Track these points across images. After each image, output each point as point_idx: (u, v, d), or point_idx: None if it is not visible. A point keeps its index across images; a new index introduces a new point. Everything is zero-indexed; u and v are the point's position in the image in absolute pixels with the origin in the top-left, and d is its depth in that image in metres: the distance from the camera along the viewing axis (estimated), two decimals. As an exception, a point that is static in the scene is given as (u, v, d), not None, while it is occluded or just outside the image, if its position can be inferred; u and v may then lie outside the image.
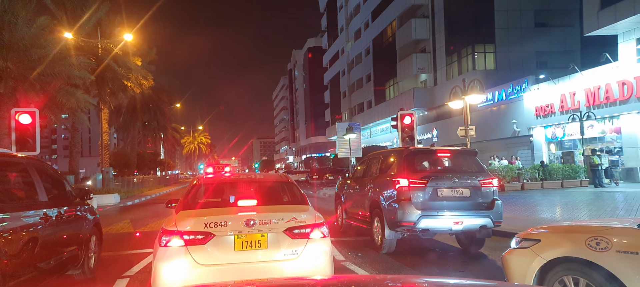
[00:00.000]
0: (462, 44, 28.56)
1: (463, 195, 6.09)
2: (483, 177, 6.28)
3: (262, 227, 3.46)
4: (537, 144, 22.00)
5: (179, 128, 52.68)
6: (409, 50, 34.97)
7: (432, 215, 5.95)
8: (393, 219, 6.08)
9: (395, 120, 11.49)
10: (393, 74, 37.71)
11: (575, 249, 2.77)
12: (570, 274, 2.80)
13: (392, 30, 37.99)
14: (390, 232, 6.22)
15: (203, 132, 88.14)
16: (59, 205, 4.51)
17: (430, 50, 33.12)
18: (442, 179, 6.13)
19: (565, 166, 16.40)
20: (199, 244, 3.35)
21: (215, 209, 3.94)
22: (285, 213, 3.68)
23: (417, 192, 6.01)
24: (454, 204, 6.04)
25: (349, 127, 17.89)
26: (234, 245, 3.40)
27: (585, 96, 17.77)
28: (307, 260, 3.48)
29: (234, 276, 3.35)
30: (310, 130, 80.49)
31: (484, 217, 6.00)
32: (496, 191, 6.32)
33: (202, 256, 3.32)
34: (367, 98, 45.06)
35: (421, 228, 5.92)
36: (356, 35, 48.12)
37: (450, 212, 5.98)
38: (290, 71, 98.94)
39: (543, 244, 3.00)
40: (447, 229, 6.07)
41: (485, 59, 27.54)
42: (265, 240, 3.44)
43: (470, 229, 6.07)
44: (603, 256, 2.60)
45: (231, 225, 3.43)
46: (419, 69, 33.59)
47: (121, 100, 24.59)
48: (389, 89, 39.50)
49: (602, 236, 2.69)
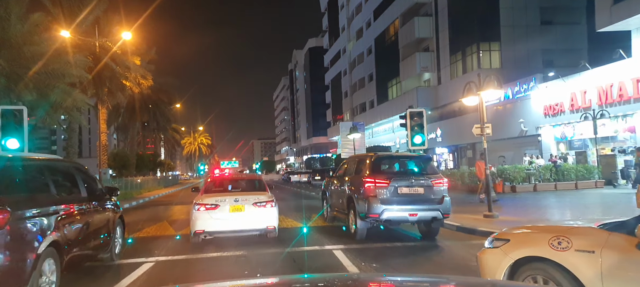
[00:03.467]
0: (466, 42, 28.03)
1: (418, 192, 7.47)
2: (435, 178, 7.64)
3: (242, 202, 7.32)
4: (545, 144, 21.46)
5: (179, 129, 52.17)
6: (412, 49, 34.44)
7: (393, 208, 7.33)
8: (363, 211, 7.45)
9: (404, 118, 10.96)
10: (395, 74, 37.19)
11: (539, 249, 2.91)
12: (535, 273, 2.95)
13: (394, 29, 37.47)
14: (361, 223, 7.58)
15: (203, 133, 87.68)
16: (94, 200, 5.69)
17: (433, 49, 32.59)
18: (402, 179, 7.54)
19: (580, 166, 15.85)
20: (212, 209, 7.18)
21: (219, 192, 8.08)
22: (253, 195, 7.54)
23: (381, 190, 7.39)
24: (410, 200, 7.40)
25: (353, 126, 17.38)
26: (229, 209, 7.21)
27: (597, 94, 17.23)
28: (262, 217, 7.24)
29: (228, 224, 7.10)
30: (311, 130, 80.00)
31: (434, 211, 7.38)
32: (446, 189, 7.63)
33: (213, 214, 7.14)
34: (369, 98, 44.54)
35: (384, 219, 7.38)
36: (358, 35, 47.61)
37: (407, 206, 7.36)
38: (291, 71, 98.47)
39: (511, 244, 3.14)
40: (405, 220, 7.55)
41: (491, 58, 27.01)
42: (243, 207, 7.26)
43: (424, 219, 7.54)
44: (563, 255, 2.73)
45: (227, 201, 7.32)
46: (423, 68, 33.07)
47: (119, 100, 24.09)
48: (392, 88, 38.98)
49: (564, 235, 2.82)
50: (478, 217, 9.26)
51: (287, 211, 12.55)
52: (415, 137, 10.57)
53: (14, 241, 3.76)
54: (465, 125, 28.58)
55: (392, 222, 7.67)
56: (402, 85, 36.36)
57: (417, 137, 10.58)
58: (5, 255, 3.64)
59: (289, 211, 12.74)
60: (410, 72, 34.43)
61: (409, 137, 10.63)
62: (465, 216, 9.59)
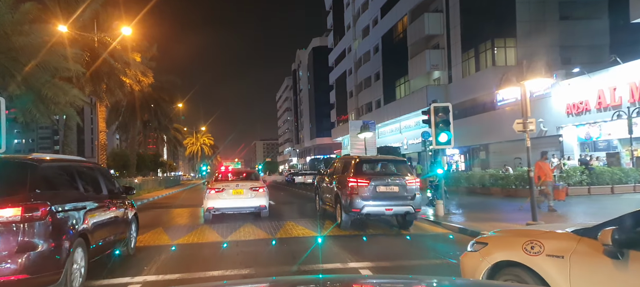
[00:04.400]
0: (480, 38, 26.87)
1: (394, 190, 8.69)
2: (409, 178, 8.90)
3: (241, 187, 10.61)
4: (567, 145, 20.27)
5: (181, 129, 51.15)
6: (421, 46, 33.31)
7: (372, 204, 8.57)
8: (347, 206, 8.70)
9: (427, 114, 9.84)
10: (404, 72, 36.04)
11: (513, 253, 2.95)
12: (510, 277, 2.97)
13: (403, 26, 36.35)
14: (345, 215, 8.84)
15: (206, 133, 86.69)
16: (113, 197, 6.18)
17: (444, 47, 31.43)
18: (380, 179, 8.77)
19: (616, 169, 14.67)
20: (219, 192, 10.45)
21: (224, 181, 10.88)
22: (250, 183, 10.83)
23: (362, 188, 8.60)
24: (387, 196, 8.64)
25: (364, 125, 16.29)
26: (232, 193, 10.48)
27: (630, 91, 16.05)
28: (256, 198, 10.41)
29: (231, 202, 10.41)
30: (314, 131, 79.01)
31: (407, 206, 8.64)
32: (418, 187, 8.92)
33: (220, 195, 10.39)
34: (375, 97, 43.40)
35: (364, 212, 8.63)
36: (364, 33, 46.51)
37: (384, 202, 8.58)
38: (294, 71, 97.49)
39: (488, 248, 3.18)
40: (382, 213, 8.78)
41: (506, 54, 25.83)
42: (242, 191, 10.53)
43: (398, 213, 8.84)
44: (535, 260, 2.78)
45: (230, 186, 10.59)
46: (432, 66, 31.92)
47: (119, 98, 23.08)
48: (399, 87, 37.84)
49: (537, 240, 2.85)
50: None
51: (297, 217, 11.45)
52: (440, 134, 9.45)
53: (52, 230, 4.22)
54: (478, 126, 27.46)
55: (371, 215, 9.01)
56: (411, 84, 35.21)
57: (442, 135, 9.46)
58: (47, 242, 4.14)
59: (298, 216, 11.65)
60: (419, 71, 33.29)
61: (433, 134, 9.51)
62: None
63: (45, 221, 4.14)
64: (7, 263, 3.90)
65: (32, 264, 3.99)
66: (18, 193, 4.16)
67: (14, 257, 3.92)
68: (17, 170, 4.49)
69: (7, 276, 3.88)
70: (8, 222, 3.97)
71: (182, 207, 15.83)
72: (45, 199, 4.24)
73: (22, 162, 4.60)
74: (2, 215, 3.97)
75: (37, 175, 4.45)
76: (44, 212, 4.13)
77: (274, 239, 7.82)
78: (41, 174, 4.53)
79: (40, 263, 4.06)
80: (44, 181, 4.51)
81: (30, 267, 3.98)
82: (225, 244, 7.57)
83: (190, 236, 8.45)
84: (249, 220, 10.56)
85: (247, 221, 10.40)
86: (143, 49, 27.73)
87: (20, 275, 3.92)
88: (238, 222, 10.35)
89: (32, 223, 4.06)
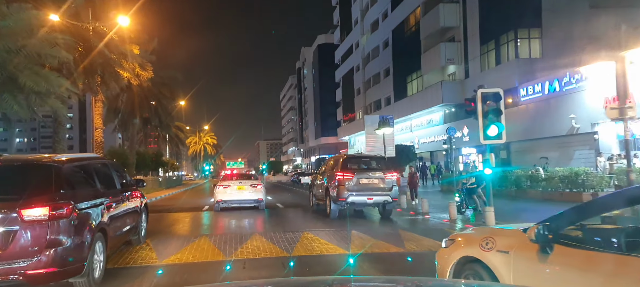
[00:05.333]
0: (501, 29, 25.07)
1: (374, 183, 10.41)
2: (387, 173, 10.57)
3: (243, 184, 13.38)
4: (603, 143, 18.46)
5: (183, 127, 49.65)
6: (435, 40, 31.54)
7: (356, 194, 10.25)
8: (334, 197, 10.37)
9: (471, 103, 8.14)
10: (416, 67, 34.29)
11: (472, 250, 3.21)
12: (470, 272, 3.22)
13: (415, 19, 34.60)
14: (334, 205, 10.50)
15: (209, 133, 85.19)
16: (126, 191, 6.74)
17: (460, 39, 29.66)
18: (363, 173, 10.51)
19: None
20: (226, 188, 13.29)
21: (230, 179, 13.72)
22: (250, 181, 13.58)
23: (348, 181, 10.24)
24: (368, 188, 10.36)
25: (383, 119, 14.60)
26: (236, 188, 13.26)
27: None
28: (255, 193, 13.13)
29: (235, 196, 13.22)
30: (319, 130, 77.42)
31: (386, 196, 10.39)
32: (395, 181, 10.55)
33: (227, 190, 13.22)
34: (385, 94, 41.66)
35: (350, 201, 10.28)
36: (373, 27, 44.76)
37: (366, 192, 10.31)
38: (298, 70, 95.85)
39: (455, 245, 3.48)
40: (365, 203, 10.43)
41: (530, 46, 24.03)
42: (244, 187, 13.27)
43: (378, 202, 10.45)
44: (487, 255, 3.03)
45: (235, 184, 13.38)
46: (448, 60, 30.14)
47: (115, 92, 21.48)
48: (411, 83, 36.08)
49: (492, 237, 3.12)
50: None
51: (312, 224, 9.77)
52: (489, 127, 7.76)
53: (76, 227, 4.57)
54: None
55: (356, 204, 10.30)
56: (424, 80, 33.45)
57: (492, 128, 7.76)
58: (71, 238, 4.47)
59: (314, 224, 9.96)
60: (433, 65, 31.51)
61: (481, 126, 7.82)
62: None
63: (69, 218, 4.44)
64: (38, 257, 4.19)
65: (59, 258, 4.30)
66: (45, 193, 4.44)
67: (43, 252, 4.22)
68: (42, 171, 4.77)
69: (39, 269, 4.19)
70: (38, 220, 4.26)
71: (181, 211, 14.20)
72: (69, 198, 4.55)
73: (46, 164, 4.89)
74: (32, 214, 4.26)
75: (60, 175, 4.73)
76: (68, 211, 4.43)
77: (292, 260, 6.10)
78: (64, 174, 4.81)
79: (66, 257, 4.37)
80: (67, 180, 4.79)
81: (58, 261, 4.28)
82: (228, 265, 5.91)
83: (183, 252, 6.79)
84: (257, 230, 8.93)
85: (255, 230, 8.76)
86: (142, 41, 26.16)
87: (49, 268, 4.23)
88: (244, 230, 8.72)
89: (58, 221, 4.35)
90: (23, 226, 4.21)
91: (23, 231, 4.21)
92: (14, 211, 4.21)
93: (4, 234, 4.18)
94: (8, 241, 4.17)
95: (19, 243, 4.19)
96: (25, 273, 4.15)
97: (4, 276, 4.11)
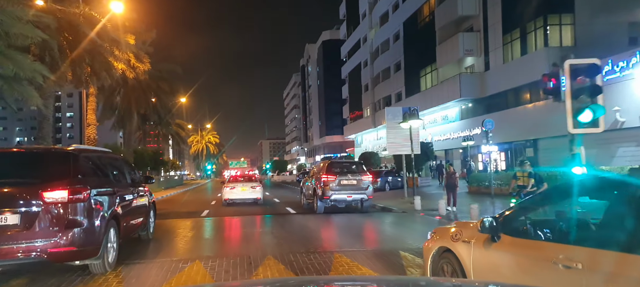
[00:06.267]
0: (527, 16, 23.00)
1: (352, 183, 12.49)
2: (363, 175, 12.74)
3: (245, 185, 16.55)
4: (654, 139, 16.41)
5: (184, 124, 47.73)
6: (451, 30, 29.50)
7: (337, 193, 12.32)
8: (320, 195, 12.38)
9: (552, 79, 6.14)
10: (430, 60, 32.26)
11: (446, 241, 3.66)
12: (445, 260, 3.66)
13: (429, 9, 32.55)
14: (320, 203, 12.47)
15: (211, 131, 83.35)
16: (135, 186, 7.00)
17: (480, 29, 27.59)
18: (343, 175, 12.53)
19: None
20: (232, 189, 16.43)
21: (234, 182, 17.07)
22: (250, 183, 16.72)
23: (331, 182, 12.30)
24: (348, 187, 12.42)
25: (411, 111, 12.68)
26: (240, 189, 16.40)
27: None
28: (255, 193, 16.30)
29: (239, 195, 16.26)
30: (324, 129, 75.51)
31: (362, 194, 12.52)
32: (369, 181, 12.80)
33: (232, 189, 16.38)
34: (395, 90, 39.63)
35: (332, 199, 12.32)
36: (382, 20, 42.73)
37: (346, 191, 12.39)
38: (302, 67, 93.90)
39: (435, 237, 3.94)
40: (345, 200, 12.47)
41: (561, 33, 21.95)
42: (246, 189, 16.40)
43: (356, 199, 12.59)
44: (455, 245, 3.49)
45: (238, 185, 16.60)
46: (466, 52, 28.07)
47: (106, 82, 19.52)
48: (425, 77, 34.04)
49: (459, 230, 3.56)
50: None
51: (341, 240, 7.78)
52: (583, 111, 5.74)
53: (92, 211, 4.91)
54: (523, 119, 23.62)
55: (338, 201, 12.40)
56: (439, 73, 31.40)
57: (585, 114, 5.74)
58: (88, 220, 4.81)
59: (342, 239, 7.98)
60: (450, 57, 29.46)
61: (569, 112, 5.81)
62: None
63: (87, 202, 4.82)
64: (58, 237, 4.56)
65: (78, 238, 4.68)
66: (64, 178, 4.78)
67: (64, 232, 4.60)
68: (61, 159, 5.14)
69: (60, 248, 4.56)
70: (58, 202, 4.61)
71: (178, 217, 12.11)
72: (86, 183, 4.92)
73: (65, 152, 5.26)
74: (54, 197, 4.60)
75: (78, 163, 5.08)
76: (86, 195, 4.81)
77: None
78: (81, 162, 5.15)
79: (84, 238, 4.74)
80: (83, 168, 5.14)
81: (77, 241, 4.67)
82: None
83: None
84: (270, 249, 6.93)
85: (268, 250, 6.76)
86: (139, 31, 24.29)
87: (69, 247, 4.61)
88: (252, 253, 6.78)
89: (76, 204, 4.72)
90: (44, 208, 4.53)
91: (44, 212, 4.53)
92: (36, 194, 4.53)
93: (27, 214, 4.50)
94: (30, 221, 4.49)
95: (41, 223, 4.51)
96: (47, 251, 4.47)
97: (26, 253, 4.42)
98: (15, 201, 4.49)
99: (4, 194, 4.54)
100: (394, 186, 22.49)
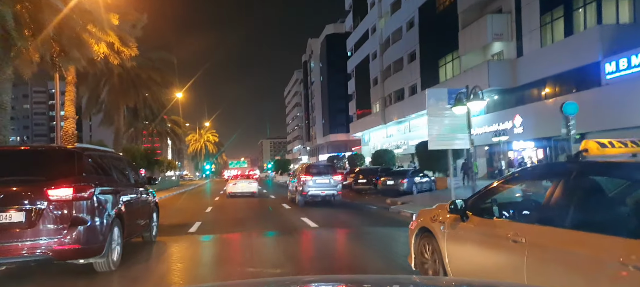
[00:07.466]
0: (573, -10, 19.82)
1: (325, 181, 15.19)
2: (334, 174, 15.86)
3: (245, 181, 21.73)
4: None
5: (181, 121, 44.56)
6: (476, 13, 26.36)
7: (313, 189, 14.95)
8: (299, 191, 15.16)
9: None
10: (451, 48, 29.10)
11: (426, 221, 4.16)
12: (425, 239, 4.18)
13: (450, -10, 29.37)
14: (300, 197, 15.13)
15: (210, 130, 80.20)
16: (139, 187, 7.02)
17: (510, 10, 24.43)
18: (318, 174, 15.28)
19: None
20: (235, 185, 21.53)
21: (236, 179, 22.62)
22: (249, 180, 22.17)
23: (308, 180, 14.97)
24: (321, 184, 15.09)
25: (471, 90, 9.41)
26: (241, 185, 21.39)
27: None
28: (252, 187, 21.40)
29: (239, 189, 21.21)
30: (327, 127, 72.42)
31: (333, 190, 15.27)
32: (340, 180, 16.02)
33: (234, 185, 21.50)
34: (409, 82, 36.47)
35: (309, 194, 14.96)
36: (393, 8, 39.55)
37: (320, 188, 15.04)
38: (304, 63, 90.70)
39: (418, 218, 4.43)
40: (319, 195, 15.10)
41: (618, 8, 18.75)
42: (246, 184, 21.47)
43: (328, 194, 15.21)
44: (433, 225, 3.98)
45: (240, 181, 21.89)
46: (495, 36, 24.92)
47: (79, 65, 16.31)
48: (444, 67, 30.89)
49: (437, 212, 4.02)
50: None
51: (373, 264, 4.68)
52: None
53: (97, 209, 5.00)
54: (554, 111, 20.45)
55: (314, 196, 15.00)
56: (462, 62, 28.24)
57: None
58: (93, 218, 4.91)
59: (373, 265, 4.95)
60: (476, 43, 26.30)
61: None
62: None
63: (91, 200, 4.91)
64: (62, 234, 4.63)
65: (83, 235, 4.76)
66: (69, 176, 4.85)
67: (69, 230, 4.67)
68: (65, 157, 5.27)
69: (65, 246, 4.64)
70: (62, 200, 4.69)
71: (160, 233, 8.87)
72: (90, 182, 5.02)
73: (70, 150, 5.53)
74: (59, 194, 4.68)
75: (82, 162, 5.15)
76: (90, 193, 4.91)
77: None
78: (85, 161, 5.23)
79: (89, 235, 4.82)
80: (87, 167, 5.22)
81: (82, 239, 4.74)
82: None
83: None
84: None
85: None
86: (126, 12, 21.16)
87: (74, 245, 4.69)
88: None
89: (81, 202, 4.81)
90: (49, 205, 4.65)
91: (49, 210, 4.65)
92: (40, 192, 4.65)
93: (32, 212, 4.62)
94: (35, 218, 4.61)
95: (45, 221, 4.63)
96: (52, 248, 4.61)
97: (31, 250, 4.55)
98: (20, 198, 4.61)
99: (8, 192, 4.62)
100: (420, 188, 19.30)
